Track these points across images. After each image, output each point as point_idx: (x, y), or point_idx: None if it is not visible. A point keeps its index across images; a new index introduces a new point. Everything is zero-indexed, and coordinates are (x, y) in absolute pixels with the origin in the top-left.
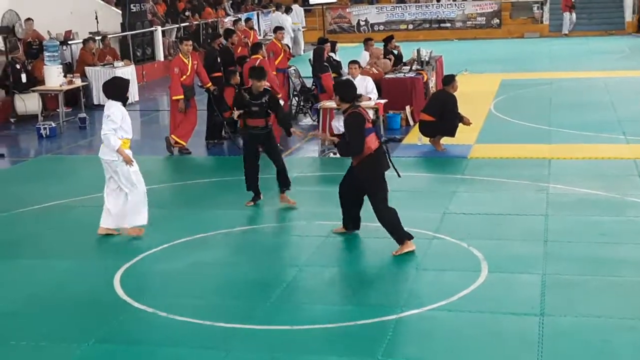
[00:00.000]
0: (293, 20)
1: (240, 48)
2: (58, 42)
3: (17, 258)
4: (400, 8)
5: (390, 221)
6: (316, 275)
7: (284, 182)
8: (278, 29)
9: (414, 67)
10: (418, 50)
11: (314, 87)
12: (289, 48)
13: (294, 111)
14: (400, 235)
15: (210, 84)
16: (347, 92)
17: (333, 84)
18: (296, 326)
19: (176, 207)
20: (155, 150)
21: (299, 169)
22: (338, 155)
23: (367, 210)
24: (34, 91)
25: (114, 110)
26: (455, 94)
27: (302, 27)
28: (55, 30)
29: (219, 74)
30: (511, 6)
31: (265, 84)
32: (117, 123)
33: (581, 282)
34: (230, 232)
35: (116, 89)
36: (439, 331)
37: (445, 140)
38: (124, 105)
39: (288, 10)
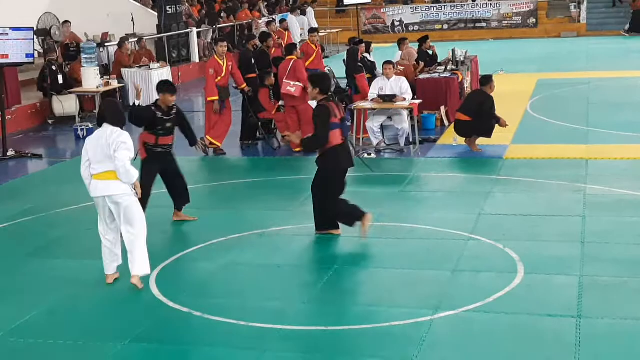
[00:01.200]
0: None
1: (274, 49)
2: (95, 44)
3: (54, 258)
4: (435, 8)
5: (342, 212)
6: (350, 276)
7: (187, 198)
8: (312, 30)
9: (449, 67)
10: (453, 50)
11: (348, 87)
12: (323, 49)
13: None
14: (354, 216)
15: (245, 85)
16: (326, 84)
17: (309, 76)
18: (330, 327)
19: (211, 207)
20: (190, 151)
21: None
22: (373, 156)
23: (399, 211)
24: (71, 93)
25: (127, 137)
26: (492, 94)
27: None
28: (92, 32)
29: (254, 75)
30: (548, 5)
31: (173, 99)
32: (132, 151)
33: (619, 284)
34: (264, 232)
35: (120, 114)
36: (474, 333)
37: (480, 141)
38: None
39: (303, 12)
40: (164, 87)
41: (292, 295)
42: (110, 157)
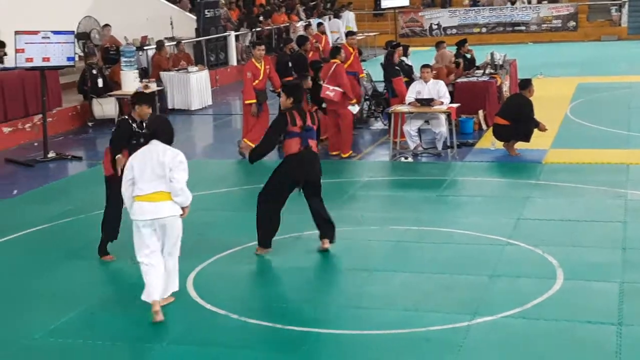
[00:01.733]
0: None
1: (311, 52)
2: (134, 48)
3: (93, 259)
4: (473, 11)
5: (262, 217)
6: (387, 280)
7: None
8: (350, 34)
9: (487, 71)
10: (492, 54)
11: (385, 91)
12: (360, 53)
13: (365, 115)
14: (262, 237)
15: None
16: (299, 94)
17: (282, 86)
18: (366, 331)
19: (247, 210)
20: (227, 154)
21: (370, 173)
22: (410, 160)
23: (436, 215)
24: (110, 96)
25: (183, 157)
26: (531, 98)
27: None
28: (131, 36)
29: (291, 78)
30: (588, 8)
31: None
32: (187, 172)
33: None
34: (300, 235)
35: (172, 132)
36: (512, 339)
37: (519, 145)
38: None
39: (338, 15)
40: (141, 98)
41: (329, 299)
42: (162, 177)
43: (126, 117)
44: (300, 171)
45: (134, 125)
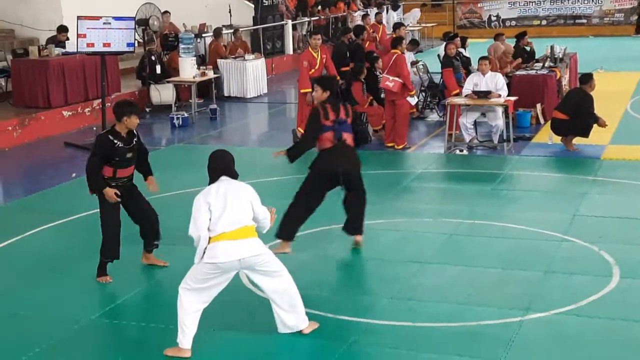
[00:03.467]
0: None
1: (368, 42)
2: (193, 35)
3: None
4: (533, 3)
5: (289, 215)
6: (439, 273)
7: (156, 237)
8: (399, 25)
9: (546, 64)
10: (552, 47)
11: (441, 82)
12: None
13: (421, 107)
14: (284, 230)
15: (337, 77)
16: (333, 87)
17: (317, 79)
18: (417, 323)
19: None
20: (281, 142)
21: (424, 165)
22: (465, 152)
23: (491, 209)
24: (168, 82)
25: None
26: (591, 93)
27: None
28: (190, 23)
29: (347, 68)
30: None
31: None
32: None
33: None
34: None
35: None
36: (565, 336)
37: (577, 140)
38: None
39: (395, 7)
40: (130, 109)
41: (379, 290)
42: (244, 212)
43: (106, 131)
44: (331, 165)
45: (116, 140)
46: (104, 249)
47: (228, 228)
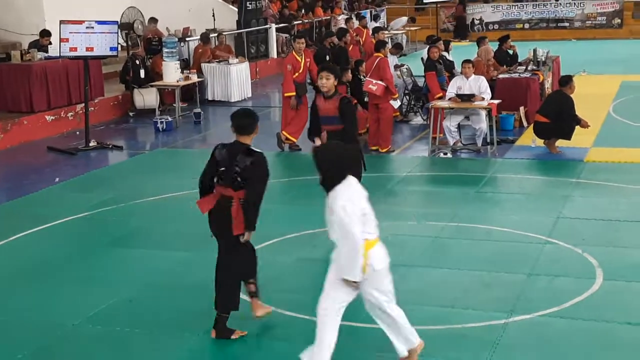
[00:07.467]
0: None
1: (352, 46)
2: (176, 39)
3: (133, 247)
4: (516, 7)
5: None
6: (423, 276)
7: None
8: (379, 29)
9: (529, 67)
10: (534, 50)
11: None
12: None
13: (405, 110)
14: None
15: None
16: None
17: (331, 68)
18: None
19: (285, 202)
20: (266, 146)
21: (408, 168)
22: (449, 155)
23: (475, 212)
24: (152, 86)
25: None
26: (572, 95)
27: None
28: (173, 27)
29: None
30: (634, 5)
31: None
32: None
33: None
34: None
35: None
36: (549, 338)
37: (560, 143)
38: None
39: (376, 17)
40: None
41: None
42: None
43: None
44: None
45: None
46: (227, 300)
47: (373, 234)
